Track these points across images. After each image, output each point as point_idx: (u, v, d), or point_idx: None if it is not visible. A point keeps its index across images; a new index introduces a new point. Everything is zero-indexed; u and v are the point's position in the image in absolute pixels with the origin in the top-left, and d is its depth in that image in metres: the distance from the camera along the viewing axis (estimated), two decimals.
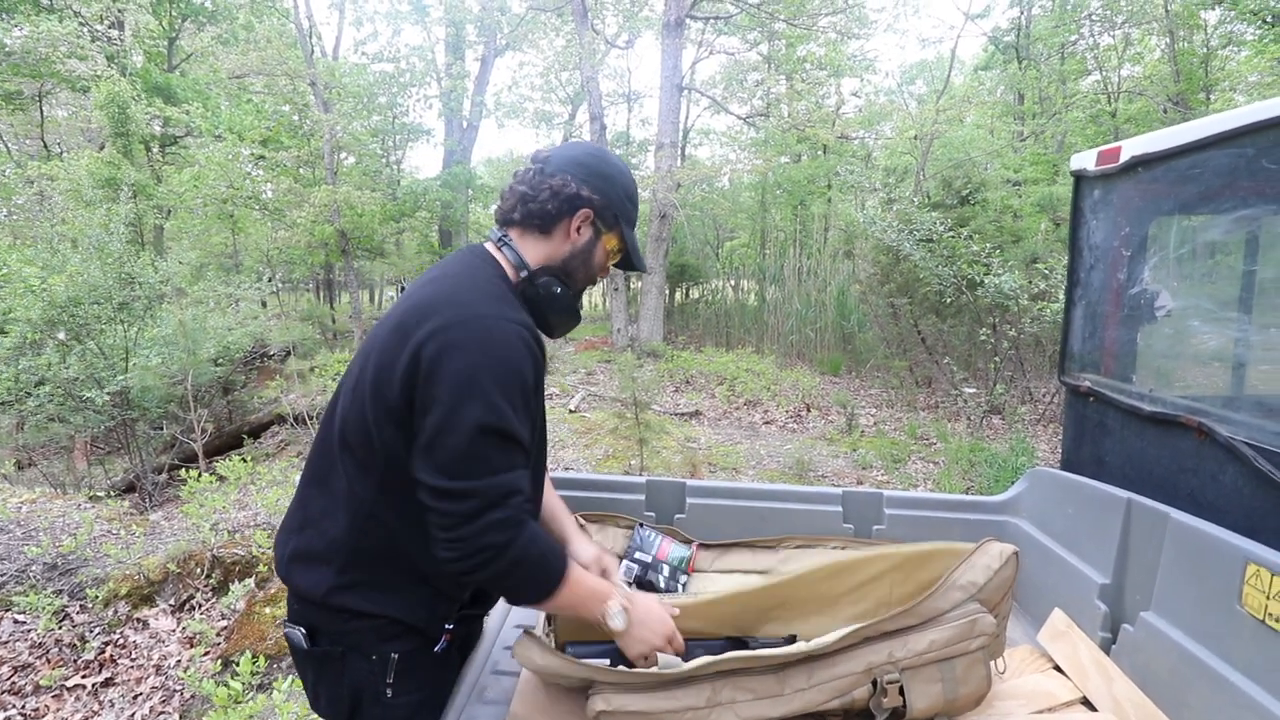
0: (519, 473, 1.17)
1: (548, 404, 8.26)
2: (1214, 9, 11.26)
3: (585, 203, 1.31)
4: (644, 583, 1.83)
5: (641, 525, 1.92)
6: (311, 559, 1.27)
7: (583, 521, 1.90)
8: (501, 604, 1.84)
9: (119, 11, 12.68)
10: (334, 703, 1.30)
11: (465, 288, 1.22)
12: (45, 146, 14.48)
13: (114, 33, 12.77)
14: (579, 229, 1.34)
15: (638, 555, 1.83)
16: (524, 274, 1.31)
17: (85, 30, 11.85)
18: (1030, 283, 7.01)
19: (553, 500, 1.62)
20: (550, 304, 1.32)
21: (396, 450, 1.19)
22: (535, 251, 1.34)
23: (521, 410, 1.17)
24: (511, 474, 1.15)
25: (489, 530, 1.12)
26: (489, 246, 1.36)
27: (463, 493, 1.11)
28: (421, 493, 1.15)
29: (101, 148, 12.38)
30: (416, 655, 1.28)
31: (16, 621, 3.26)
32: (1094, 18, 12.82)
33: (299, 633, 1.28)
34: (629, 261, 1.43)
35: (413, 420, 1.16)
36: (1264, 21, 10.29)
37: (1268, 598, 1.18)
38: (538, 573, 1.20)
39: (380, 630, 1.25)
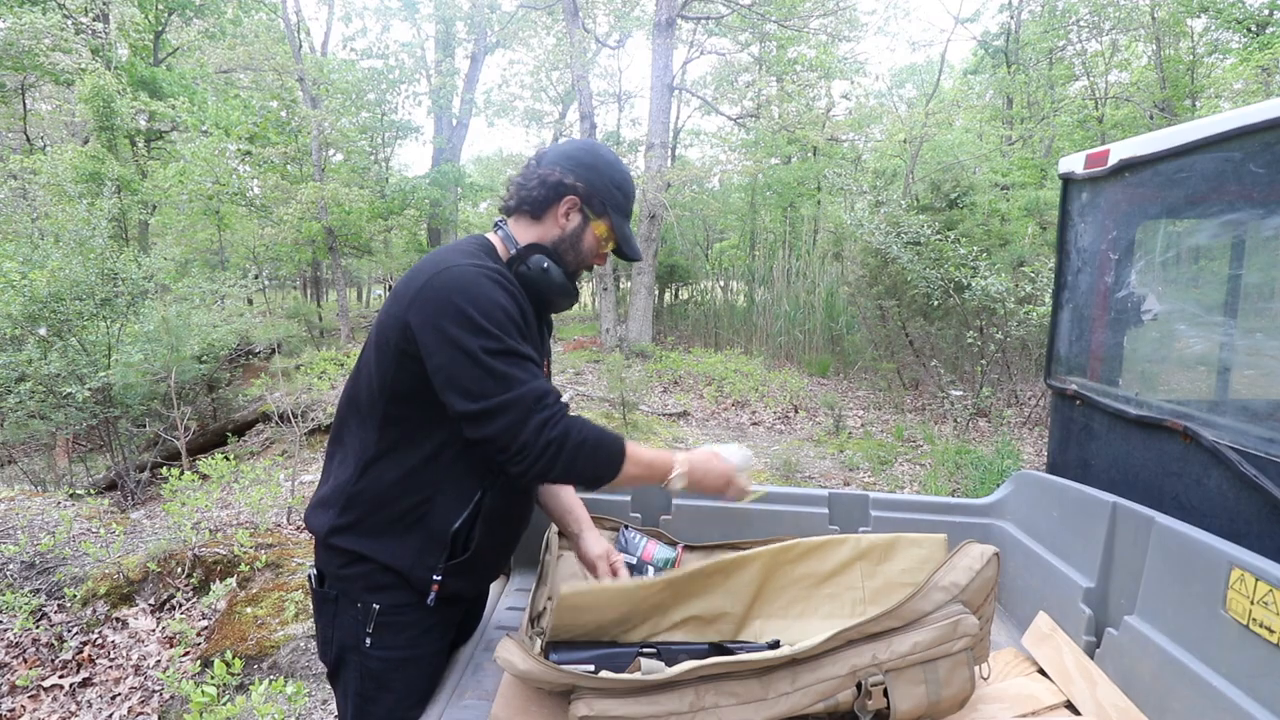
0: (540, 381, 1.25)
1: None
2: (1199, 17, 11.39)
3: (570, 189, 1.40)
4: None
5: (626, 527, 1.91)
6: (322, 504, 1.40)
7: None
8: (486, 607, 1.82)
9: (103, 4, 12.54)
10: (325, 645, 1.41)
11: (443, 252, 1.34)
12: (28, 140, 14.29)
13: (98, 25, 12.60)
14: (567, 214, 1.42)
15: (623, 557, 1.82)
16: (514, 250, 1.40)
17: (69, 23, 11.69)
18: (1017, 286, 7.05)
19: (568, 494, 1.73)
20: (540, 279, 1.39)
21: (397, 401, 1.31)
22: (527, 234, 1.44)
23: (517, 335, 1.26)
24: (535, 381, 1.24)
25: (543, 429, 1.21)
26: (488, 233, 1.47)
27: (498, 408, 1.21)
28: (466, 429, 1.24)
29: (85, 142, 12.23)
30: (400, 611, 1.36)
31: None
32: (1082, 24, 12.93)
33: (312, 573, 1.42)
34: (622, 250, 1.50)
35: (413, 371, 1.27)
36: (1248, 30, 10.42)
37: (1251, 603, 1.18)
38: (602, 451, 1.28)
39: (369, 578, 1.34)
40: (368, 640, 1.35)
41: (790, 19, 12.80)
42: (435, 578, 1.35)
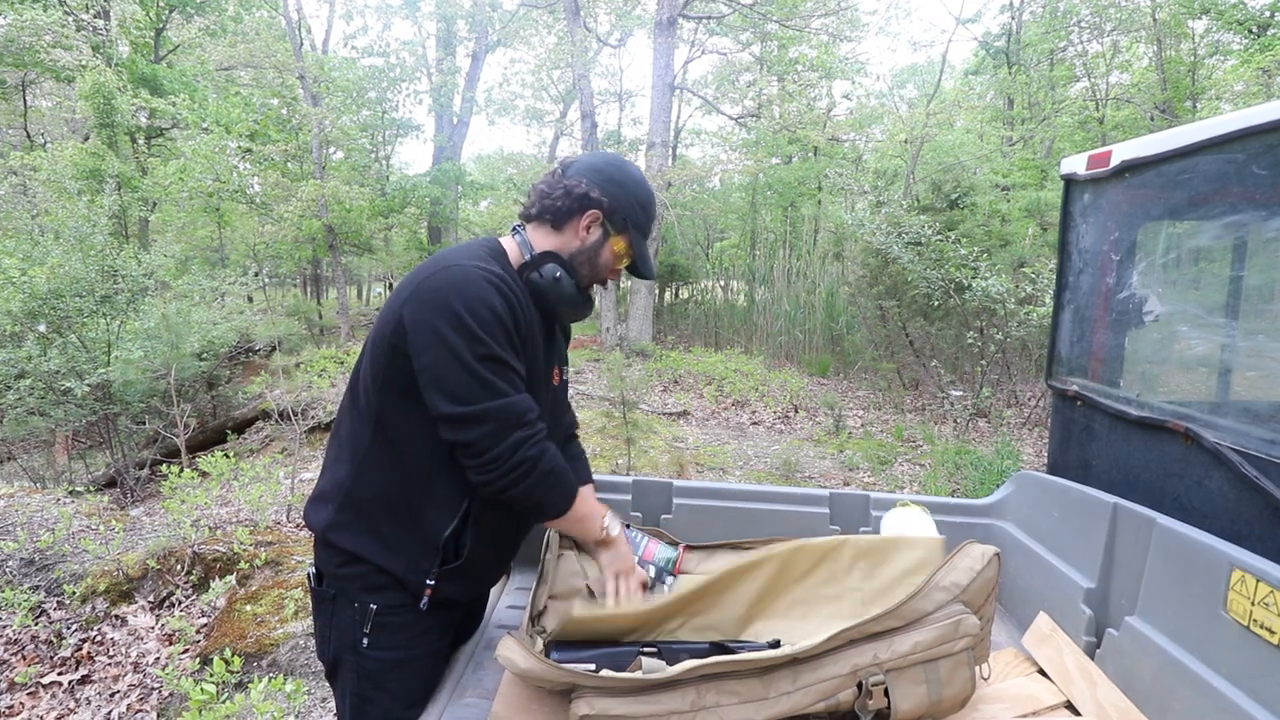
0: (525, 395, 1.28)
1: None
2: (1200, 18, 11.39)
3: (594, 204, 1.40)
4: None
5: (628, 526, 1.91)
6: (320, 499, 1.40)
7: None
8: (486, 605, 1.82)
9: (104, 1, 12.53)
10: (323, 644, 1.41)
11: (448, 252, 1.34)
12: (28, 137, 14.28)
13: (99, 22, 12.59)
14: (588, 228, 1.42)
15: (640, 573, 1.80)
16: (528, 256, 1.38)
17: (70, 19, 11.68)
18: (1017, 287, 7.06)
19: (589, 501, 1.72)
20: (551, 288, 1.38)
21: (389, 398, 1.31)
22: (544, 242, 1.43)
23: (505, 343, 1.27)
24: (520, 395, 1.27)
25: (520, 447, 1.24)
26: (503, 237, 1.46)
27: (479, 415, 1.22)
28: (444, 431, 1.25)
29: (86, 138, 12.22)
30: (396, 612, 1.35)
31: None
32: (1083, 25, 12.92)
33: (310, 571, 1.42)
34: (637, 268, 1.50)
35: (403, 369, 1.27)
36: (1249, 31, 10.42)
37: (1252, 604, 1.18)
38: (563, 485, 1.33)
39: (366, 579, 1.34)
40: (364, 640, 1.34)
41: (791, 19, 12.79)
42: (429, 582, 1.35)
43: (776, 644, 1.43)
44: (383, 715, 1.38)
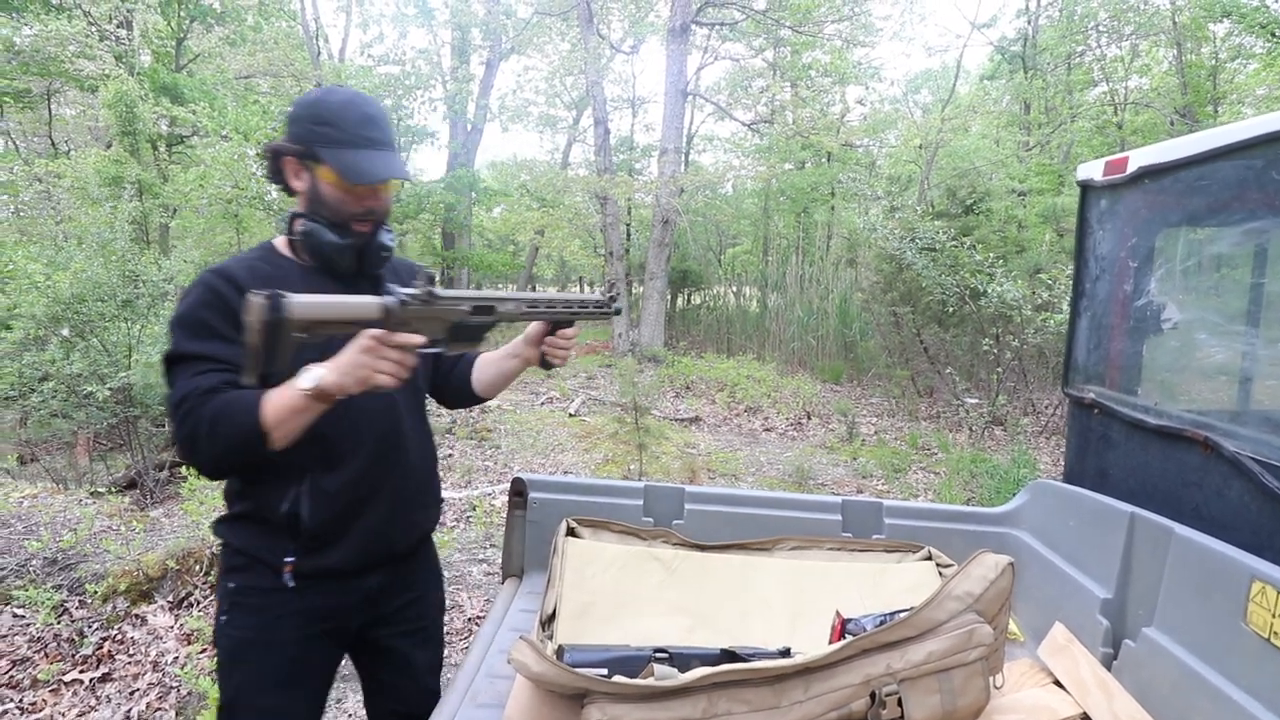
0: (193, 379, 1.26)
1: (547, 408, 8.29)
2: (1222, 21, 11.27)
3: (284, 152, 1.41)
4: None
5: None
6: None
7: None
8: (498, 608, 1.83)
9: (127, 12, 12.73)
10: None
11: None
12: (53, 144, 14.53)
13: (122, 32, 12.80)
14: (296, 174, 1.43)
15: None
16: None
17: (94, 30, 11.89)
18: (1034, 293, 7.00)
19: (486, 368, 1.69)
20: (311, 245, 1.43)
21: None
22: (297, 206, 1.48)
23: (197, 330, 1.29)
24: (185, 383, 1.26)
25: (182, 425, 1.23)
26: None
27: (170, 411, 1.27)
28: None
29: (109, 146, 12.41)
30: (251, 593, 1.40)
31: (16, 616, 3.25)
32: (1101, 29, 12.82)
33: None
34: (349, 179, 1.35)
35: None
36: (1272, 35, 10.29)
37: (1273, 615, 1.16)
38: (232, 427, 1.21)
39: (229, 559, 1.42)
40: (224, 618, 1.42)
41: (804, 24, 12.79)
42: (288, 559, 1.37)
43: (788, 652, 1.43)
44: (234, 694, 1.42)
